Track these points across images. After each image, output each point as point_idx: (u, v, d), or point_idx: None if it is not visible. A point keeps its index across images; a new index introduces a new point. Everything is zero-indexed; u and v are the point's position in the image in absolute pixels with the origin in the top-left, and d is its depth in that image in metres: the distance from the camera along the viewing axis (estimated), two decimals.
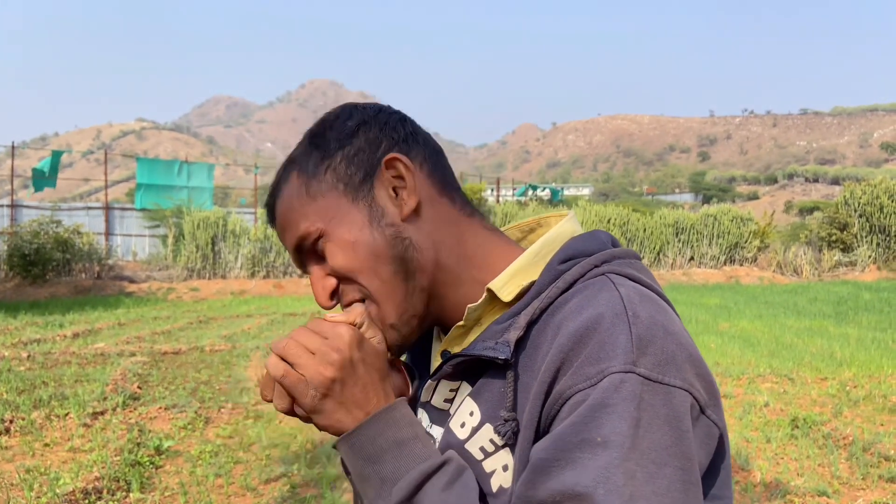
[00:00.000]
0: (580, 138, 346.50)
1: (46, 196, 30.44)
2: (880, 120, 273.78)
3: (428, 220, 0.84)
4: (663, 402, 0.66)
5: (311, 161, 0.85)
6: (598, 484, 0.64)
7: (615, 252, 0.81)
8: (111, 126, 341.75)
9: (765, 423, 5.05)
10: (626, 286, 0.74)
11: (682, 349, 0.70)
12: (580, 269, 0.78)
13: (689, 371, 0.69)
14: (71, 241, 15.53)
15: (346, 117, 0.86)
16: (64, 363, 7.22)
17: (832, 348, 7.91)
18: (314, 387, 0.75)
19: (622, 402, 0.65)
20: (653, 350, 0.68)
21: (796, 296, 13.98)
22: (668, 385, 0.67)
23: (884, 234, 19.30)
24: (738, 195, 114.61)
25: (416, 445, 0.75)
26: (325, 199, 0.83)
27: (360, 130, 0.85)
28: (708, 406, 0.70)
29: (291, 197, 0.85)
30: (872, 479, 3.93)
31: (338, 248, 0.82)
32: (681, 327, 0.73)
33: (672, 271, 19.24)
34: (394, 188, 0.83)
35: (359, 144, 0.84)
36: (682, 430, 0.66)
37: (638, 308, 0.71)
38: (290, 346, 0.77)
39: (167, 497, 3.72)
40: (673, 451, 0.65)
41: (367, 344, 0.79)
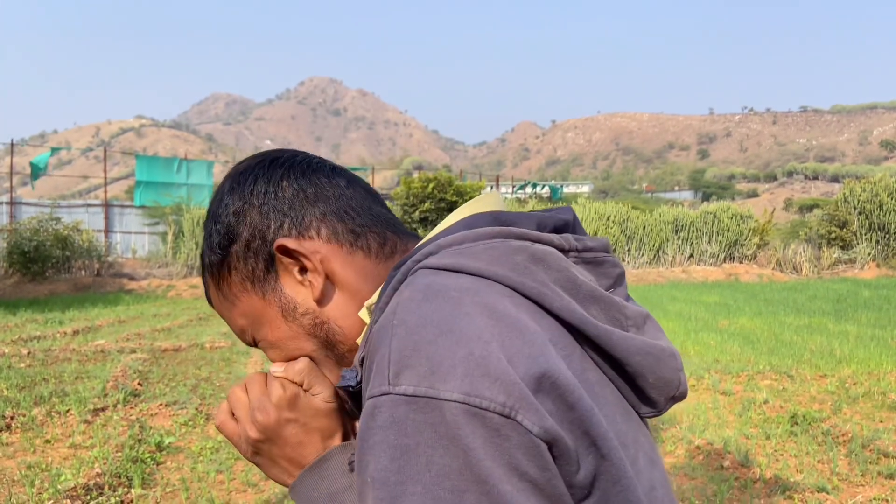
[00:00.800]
0: (579, 136, 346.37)
1: (46, 193, 30.41)
2: (880, 118, 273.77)
3: (344, 289, 0.77)
4: (439, 420, 0.55)
5: (213, 262, 0.82)
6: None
7: (453, 238, 0.70)
8: (110, 123, 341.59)
9: (764, 420, 5.06)
10: (416, 285, 0.64)
11: (457, 349, 0.57)
12: (403, 271, 0.69)
13: (464, 376, 0.56)
14: (70, 239, 15.53)
15: (226, 202, 0.79)
16: (64, 360, 7.22)
17: (831, 345, 7.92)
18: (245, 442, 0.76)
19: (378, 432, 0.56)
20: (415, 361, 0.57)
21: (796, 293, 14.00)
22: (436, 399, 0.55)
23: (883, 232, 19.32)
24: (737, 193, 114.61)
25: (351, 496, 0.73)
26: (241, 302, 0.80)
27: (240, 219, 0.78)
28: (515, 410, 0.56)
29: (216, 300, 0.84)
30: (872, 475, 3.94)
31: (267, 346, 0.81)
32: (469, 323, 0.59)
33: (671, 269, 19.25)
34: (300, 268, 0.77)
35: (247, 234, 0.78)
36: (464, 448, 0.55)
37: (411, 311, 0.60)
38: (233, 397, 0.79)
39: (168, 493, 3.72)
40: (466, 475, 0.54)
41: (302, 403, 0.76)
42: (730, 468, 4.06)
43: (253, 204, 0.78)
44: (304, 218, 0.77)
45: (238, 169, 0.83)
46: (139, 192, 20.18)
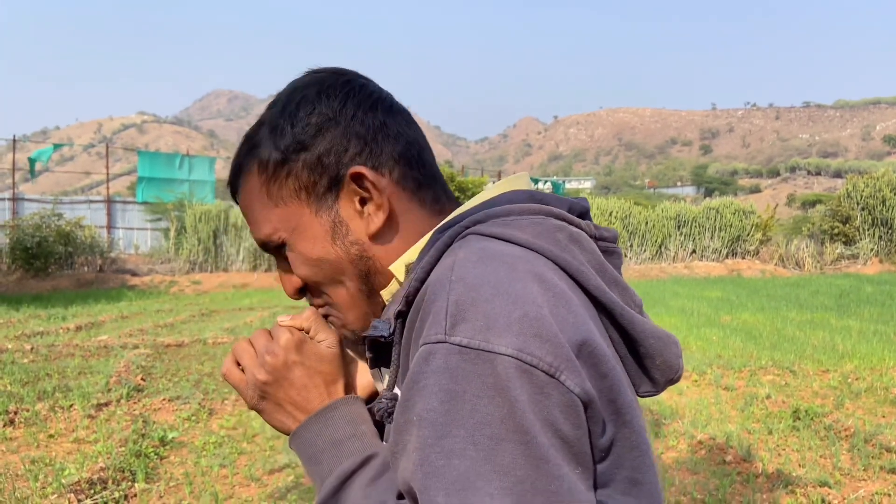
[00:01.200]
0: (582, 131, 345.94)
1: (48, 189, 30.43)
2: (883, 113, 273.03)
3: (395, 234, 0.79)
4: (489, 371, 0.58)
5: (272, 160, 0.78)
6: (417, 467, 0.58)
7: (499, 210, 0.74)
8: (112, 119, 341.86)
9: (767, 415, 5.06)
10: (471, 248, 0.67)
11: (512, 309, 0.61)
12: (450, 235, 0.72)
13: (518, 333, 0.59)
14: (73, 235, 15.55)
15: (309, 110, 0.78)
16: (67, 355, 7.24)
17: (834, 341, 7.91)
18: (251, 387, 0.77)
19: (432, 375, 0.59)
20: (472, 315, 0.60)
21: (798, 289, 13.98)
22: (490, 352, 0.59)
23: (886, 227, 19.29)
24: (740, 188, 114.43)
25: (353, 444, 0.74)
26: (287, 208, 0.79)
27: (324, 129, 0.77)
28: (558, 370, 0.60)
29: (253, 194, 0.81)
30: (874, 469, 3.95)
31: (300, 261, 0.80)
32: (524, 287, 0.63)
33: (674, 264, 19.23)
34: (360, 199, 0.78)
35: (322, 148, 0.77)
36: (511, 400, 0.58)
37: (468, 270, 0.63)
38: (238, 347, 0.80)
39: (172, 487, 3.74)
40: (508, 425, 0.57)
41: (308, 347, 0.78)
42: (732, 463, 4.07)
43: (339, 122, 0.78)
44: (381, 153, 0.78)
45: (322, 78, 0.80)
46: (141, 188, 20.16)
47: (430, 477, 0.57)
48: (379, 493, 0.70)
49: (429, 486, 0.57)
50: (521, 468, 0.57)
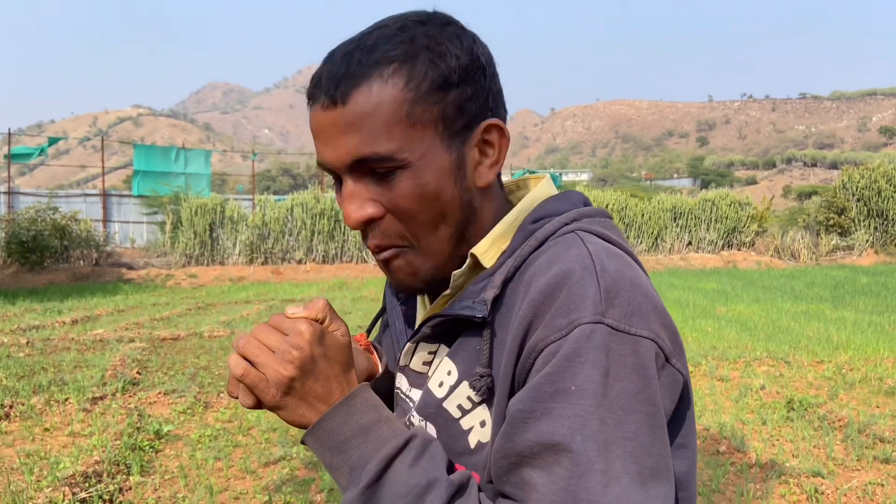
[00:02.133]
0: (578, 124, 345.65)
1: (44, 183, 30.36)
2: (879, 104, 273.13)
3: (489, 194, 0.84)
4: (631, 352, 0.68)
5: (426, 81, 0.75)
6: (575, 431, 0.65)
7: (584, 211, 0.83)
8: (107, 113, 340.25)
9: (761, 405, 5.08)
10: (594, 242, 0.76)
11: (648, 301, 0.71)
12: (551, 228, 0.79)
13: (654, 321, 0.71)
14: (69, 228, 15.50)
15: (468, 49, 0.78)
16: (63, 349, 7.23)
17: (829, 332, 7.94)
18: (274, 385, 0.74)
19: (594, 351, 0.67)
20: (620, 302, 0.69)
21: (794, 280, 14.01)
22: (634, 335, 0.68)
23: (881, 219, 19.32)
24: (736, 180, 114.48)
25: (381, 428, 0.75)
26: (422, 132, 0.76)
27: (477, 75, 0.78)
28: (672, 355, 0.72)
29: (385, 104, 0.74)
30: (867, 460, 3.97)
31: (416, 190, 0.76)
32: (647, 281, 0.75)
33: (670, 256, 19.25)
34: (480, 151, 0.80)
35: (472, 90, 0.78)
36: (648, 378, 0.68)
37: (606, 262, 0.72)
38: (251, 345, 0.75)
39: (167, 480, 3.74)
40: (640, 398, 0.67)
41: (328, 338, 0.77)
42: (726, 453, 4.08)
43: (488, 73, 0.80)
44: (500, 115, 0.82)
45: (461, 24, 0.81)
46: (137, 181, 20.13)
47: (588, 440, 0.65)
48: (426, 470, 0.71)
49: (587, 447, 0.65)
50: (644, 435, 0.67)
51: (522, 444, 0.67)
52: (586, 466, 0.64)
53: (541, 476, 0.66)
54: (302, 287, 14.41)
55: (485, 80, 0.79)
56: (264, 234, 17.11)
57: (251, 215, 17.37)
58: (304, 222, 17.14)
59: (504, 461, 0.70)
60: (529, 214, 0.83)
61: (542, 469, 0.66)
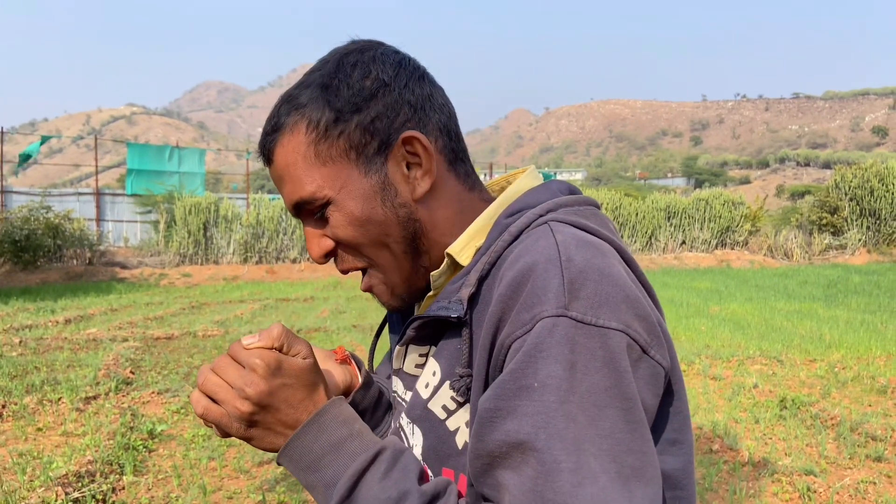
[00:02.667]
0: (573, 123, 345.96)
1: (37, 182, 30.20)
2: (871, 104, 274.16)
3: (437, 200, 0.82)
4: (599, 345, 0.65)
5: (324, 119, 0.79)
6: (539, 429, 0.63)
7: (562, 200, 0.80)
8: (101, 111, 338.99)
9: (754, 404, 5.09)
10: (563, 232, 0.73)
11: (617, 290, 0.68)
12: (525, 220, 0.77)
13: (625, 312, 0.67)
14: (62, 227, 15.44)
15: (364, 73, 0.80)
16: (56, 348, 7.21)
17: (821, 330, 7.97)
18: (236, 420, 0.74)
19: (556, 346, 0.65)
20: (586, 293, 0.66)
21: (787, 279, 14.06)
22: (602, 327, 0.65)
23: (874, 218, 19.40)
24: (730, 179, 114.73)
25: (353, 443, 0.74)
26: (335, 166, 0.80)
27: (378, 94, 0.79)
28: (650, 346, 0.69)
29: (297, 152, 0.80)
30: (859, 458, 3.98)
31: (346, 220, 0.80)
32: (619, 271, 0.71)
33: (664, 255, 19.30)
34: (407, 164, 0.81)
35: (376, 111, 0.79)
36: (619, 371, 0.65)
37: (573, 252, 0.69)
38: (209, 382, 0.75)
39: (160, 480, 3.73)
40: (613, 393, 0.64)
41: (286, 365, 0.75)
42: (719, 451, 4.10)
43: (393, 88, 0.80)
44: (427, 122, 0.82)
45: (372, 45, 0.83)
46: (131, 180, 20.05)
47: (553, 438, 0.62)
48: (397, 482, 0.70)
49: (551, 445, 0.62)
50: (620, 432, 0.64)
51: (492, 445, 0.66)
52: (551, 465, 0.62)
53: (511, 476, 0.64)
54: (296, 286, 14.39)
55: (391, 95, 0.80)
56: (259, 233, 17.09)
57: (245, 214, 17.34)
58: (298, 221, 17.10)
59: (478, 462, 0.68)
60: (506, 209, 0.82)
61: (512, 469, 0.65)
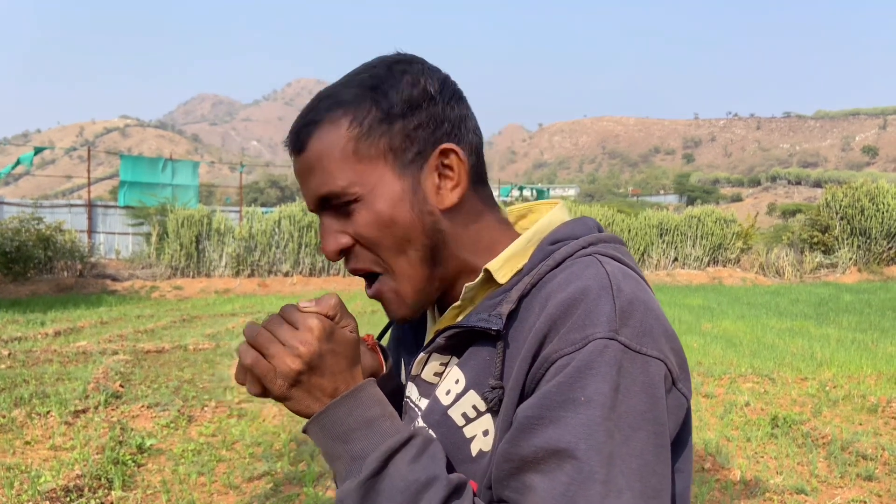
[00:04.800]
0: (566, 139, 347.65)
1: (29, 193, 30.08)
2: (862, 124, 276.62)
3: (462, 215, 0.85)
4: (641, 371, 0.70)
5: (369, 118, 0.81)
6: (580, 440, 0.67)
7: (602, 236, 0.85)
8: (94, 123, 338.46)
9: (745, 422, 5.10)
10: (611, 265, 0.79)
11: (659, 324, 0.74)
12: (569, 249, 0.82)
13: (664, 344, 0.74)
14: (53, 239, 15.36)
15: (412, 82, 0.83)
16: (45, 361, 7.15)
17: (813, 349, 8.00)
18: (282, 377, 0.76)
19: (605, 366, 0.69)
20: (633, 322, 0.72)
21: (778, 297, 14.12)
22: (645, 355, 0.71)
23: (864, 237, 19.50)
24: (721, 197, 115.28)
25: (385, 423, 0.77)
26: (371, 165, 0.81)
27: (424, 104, 0.82)
28: (679, 379, 0.75)
29: (334, 145, 0.81)
30: (850, 477, 3.99)
31: (372, 218, 0.82)
32: (658, 306, 0.77)
33: (656, 272, 19.35)
34: (439, 175, 0.83)
35: (420, 119, 0.82)
36: (656, 398, 0.71)
37: (622, 283, 0.75)
38: (261, 336, 0.78)
39: (149, 495, 3.70)
40: (647, 417, 0.70)
41: (337, 334, 0.79)
42: (710, 470, 4.10)
43: (439, 100, 0.83)
44: (463, 140, 0.85)
45: (419, 59, 0.86)
46: (123, 192, 19.99)
47: (592, 450, 0.67)
48: (426, 467, 0.73)
49: (590, 457, 0.67)
50: (649, 454, 0.69)
51: (528, 449, 0.70)
52: (588, 474, 0.66)
53: (542, 480, 0.68)
54: (288, 300, 14.33)
55: (435, 108, 0.83)
56: (251, 247, 17.04)
57: (238, 227, 17.31)
58: (291, 235, 17.09)
59: (507, 465, 0.72)
60: (547, 236, 0.86)
61: (543, 473, 0.68)
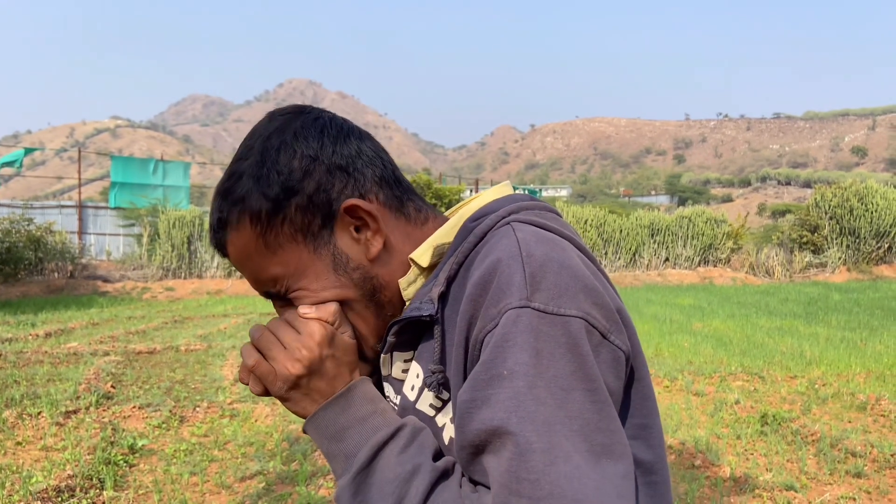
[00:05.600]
0: (558, 140, 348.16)
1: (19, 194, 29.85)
2: (851, 124, 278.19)
3: (392, 252, 0.85)
4: (561, 332, 0.69)
5: (263, 211, 0.81)
6: (511, 413, 0.66)
7: (523, 204, 0.85)
8: (85, 124, 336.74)
9: (735, 420, 5.13)
10: (524, 230, 0.77)
11: (576, 281, 0.72)
12: (489, 223, 0.81)
13: (583, 300, 0.71)
14: (43, 240, 15.29)
15: (290, 155, 0.81)
16: (36, 362, 7.12)
17: (802, 347, 8.05)
18: (282, 379, 0.79)
19: (521, 335, 0.68)
20: (546, 284, 0.70)
21: (768, 296, 14.19)
22: (563, 315, 0.69)
23: (853, 237, 19.63)
24: (712, 197, 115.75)
25: (375, 419, 0.79)
26: (285, 252, 0.82)
27: (307, 174, 0.81)
28: (609, 332, 0.73)
29: (247, 246, 0.83)
30: (839, 474, 4.02)
31: (308, 299, 0.83)
32: (578, 263, 0.75)
33: (647, 272, 19.41)
34: (355, 227, 0.83)
35: (310, 189, 0.81)
36: (582, 355, 0.69)
37: (533, 247, 0.73)
38: (265, 338, 0.81)
39: (141, 495, 3.70)
40: (577, 376, 0.68)
41: (338, 340, 0.81)
42: (701, 467, 4.12)
43: (322, 161, 0.81)
44: (364, 180, 0.83)
45: (290, 120, 0.84)
46: (114, 193, 19.92)
47: (524, 421, 0.66)
48: (412, 457, 0.74)
49: (523, 428, 0.65)
50: (588, 412, 0.67)
51: (471, 434, 0.69)
52: (525, 447, 0.65)
53: (492, 460, 0.68)
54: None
55: (321, 168, 0.81)
56: None
57: None
58: None
59: (463, 453, 0.72)
60: (471, 215, 0.86)
61: (493, 454, 0.68)
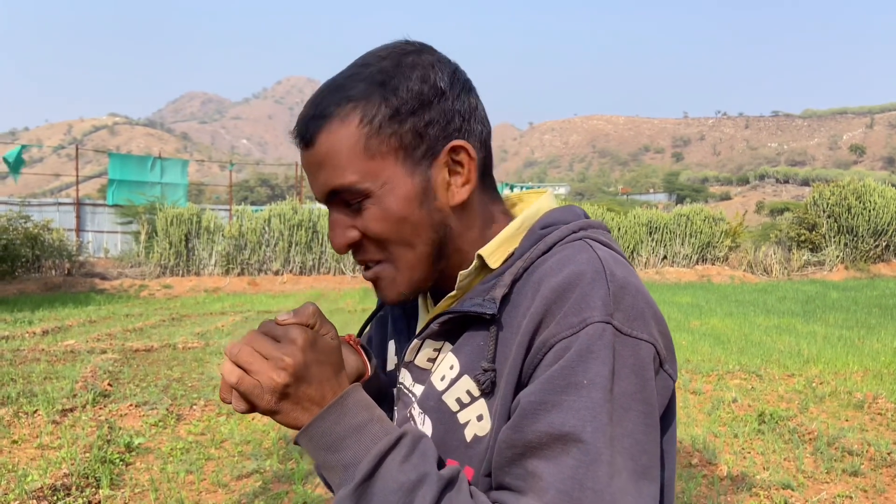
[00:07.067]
0: (557, 138, 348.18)
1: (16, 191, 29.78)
2: (849, 122, 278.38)
3: (469, 210, 0.86)
4: (631, 353, 0.73)
5: (379, 115, 0.80)
6: (586, 423, 0.69)
7: (589, 222, 0.88)
8: (83, 121, 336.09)
9: (732, 418, 5.13)
10: (602, 250, 0.81)
11: (649, 308, 0.77)
12: (560, 234, 0.84)
13: (654, 327, 0.76)
14: (41, 237, 15.26)
15: (422, 77, 0.82)
16: (33, 360, 7.11)
17: (800, 346, 8.06)
18: (269, 391, 0.76)
19: (604, 349, 0.72)
20: (625, 306, 0.74)
21: (766, 294, 14.20)
22: (636, 338, 0.74)
23: (851, 235, 19.64)
24: (710, 195, 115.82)
25: (374, 427, 0.77)
26: (382, 162, 0.81)
27: (434, 100, 0.81)
28: (666, 360, 0.78)
29: (344, 142, 0.81)
30: (836, 472, 4.02)
31: (382, 215, 0.82)
32: (647, 290, 0.79)
33: (645, 270, 19.42)
34: (449, 172, 0.84)
35: (430, 116, 0.81)
36: (645, 379, 0.73)
37: (614, 268, 0.77)
38: (244, 353, 0.77)
39: (137, 494, 3.69)
40: (638, 398, 0.72)
41: (320, 343, 0.78)
42: (698, 466, 4.12)
43: (450, 96, 0.83)
44: (472, 133, 0.85)
45: (428, 49, 0.85)
46: (112, 190, 19.87)
47: (598, 432, 0.69)
48: (416, 466, 0.73)
49: (596, 439, 0.69)
50: (639, 433, 0.71)
51: (532, 435, 0.71)
52: (594, 456, 0.68)
53: (546, 466, 0.69)
54: (278, 298, 14.31)
55: (446, 103, 0.82)
56: (241, 245, 16.99)
57: (228, 226, 17.24)
58: (281, 233, 17.04)
59: (509, 451, 0.73)
60: (538, 221, 0.87)
61: (548, 459, 0.70)
